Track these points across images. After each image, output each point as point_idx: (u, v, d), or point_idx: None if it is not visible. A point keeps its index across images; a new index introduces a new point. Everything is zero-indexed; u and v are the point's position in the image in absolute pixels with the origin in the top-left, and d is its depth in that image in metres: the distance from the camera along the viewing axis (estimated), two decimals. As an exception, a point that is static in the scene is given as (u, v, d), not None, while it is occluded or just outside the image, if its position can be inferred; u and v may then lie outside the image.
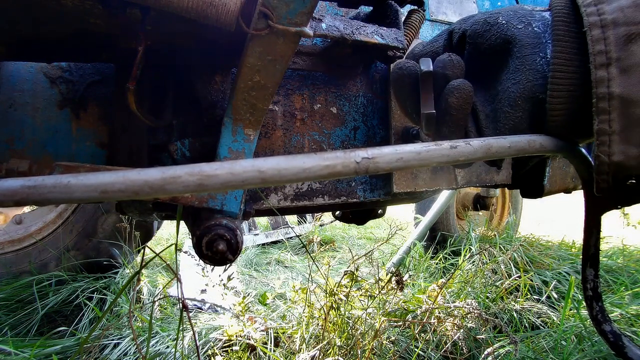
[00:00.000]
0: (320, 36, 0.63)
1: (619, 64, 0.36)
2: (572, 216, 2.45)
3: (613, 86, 0.36)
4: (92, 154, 0.69)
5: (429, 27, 0.92)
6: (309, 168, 0.34)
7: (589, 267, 0.53)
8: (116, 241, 1.87)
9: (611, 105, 0.36)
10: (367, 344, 1.32)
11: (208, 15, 0.44)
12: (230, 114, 0.54)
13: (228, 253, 0.55)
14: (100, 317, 1.58)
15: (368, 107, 0.82)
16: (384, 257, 2.89)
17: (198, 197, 0.55)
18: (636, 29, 0.35)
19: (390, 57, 0.70)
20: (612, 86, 0.36)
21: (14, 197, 0.28)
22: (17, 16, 0.47)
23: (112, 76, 0.70)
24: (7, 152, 0.65)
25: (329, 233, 4.37)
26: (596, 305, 0.54)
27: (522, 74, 0.45)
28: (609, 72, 0.36)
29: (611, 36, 0.36)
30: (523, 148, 0.44)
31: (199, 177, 0.31)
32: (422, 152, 0.39)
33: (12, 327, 1.61)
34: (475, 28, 0.50)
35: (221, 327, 1.59)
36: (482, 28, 0.49)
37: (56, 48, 0.56)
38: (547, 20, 0.45)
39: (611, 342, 0.53)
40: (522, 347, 1.38)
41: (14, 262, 1.80)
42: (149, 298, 2.03)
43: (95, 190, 0.29)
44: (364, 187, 0.81)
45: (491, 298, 1.82)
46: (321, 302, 1.49)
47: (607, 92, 0.36)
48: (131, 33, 0.50)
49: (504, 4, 1.07)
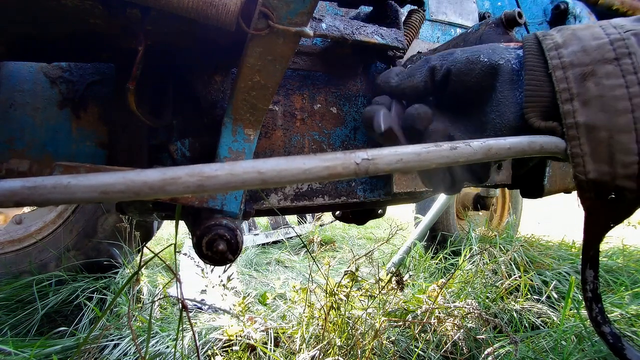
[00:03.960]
0: (320, 36, 0.63)
1: (579, 98, 0.44)
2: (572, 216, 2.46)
3: (578, 116, 0.44)
4: (92, 154, 0.69)
5: (429, 27, 0.92)
6: (308, 169, 0.34)
7: (588, 269, 0.53)
8: (116, 241, 1.87)
9: (579, 132, 0.43)
10: (367, 344, 1.32)
11: (208, 15, 0.44)
12: (231, 114, 0.54)
13: (228, 253, 0.55)
14: (99, 317, 1.58)
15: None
16: (384, 257, 2.89)
17: (198, 197, 0.55)
18: (587, 69, 0.44)
19: (391, 57, 0.70)
20: (577, 116, 0.44)
21: (14, 198, 0.28)
22: (17, 16, 0.47)
23: (112, 76, 0.70)
24: (7, 152, 0.65)
25: (329, 233, 4.37)
26: (596, 306, 0.54)
27: (504, 107, 0.52)
28: (572, 105, 0.44)
29: (570, 75, 0.45)
30: (523, 149, 0.44)
31: (199, 178, 0.31)
32: (422, 153, 0.39)
33: (12, 327, 1.61)
34: (460, 67, 0.54)
35: (221, 327, 1.59)
36: (465, 67, 0.54)
37: (56, 48, 0.56)
38: (521, 58, 0.52)
39: (610, 343, 0.53)
40: (522, 347, 1.38)
41: (14, 262, 1.80)
42: (148, 298, 2.03)
43: (95, 190, 0.29)
44: (364, 187, 0.81)
45: (491, 298, 1.82)
46: (321, 302, 1.49)
47: (574, 121, 0.44)
48: (131, 33, 0.50)
49: (504, 4, 1.07)
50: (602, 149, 0.43)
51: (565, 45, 0.46)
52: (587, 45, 0.45)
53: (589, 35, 0.46)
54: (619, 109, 0.42)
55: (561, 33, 0.48)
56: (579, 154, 0.44)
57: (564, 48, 0.46)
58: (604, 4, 1.12)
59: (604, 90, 0.43)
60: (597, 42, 0.45)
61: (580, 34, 0.46)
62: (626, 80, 0.42)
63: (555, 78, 0.45)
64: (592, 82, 0.43)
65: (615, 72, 0.42)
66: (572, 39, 0.46)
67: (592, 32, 0.46)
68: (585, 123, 0.43)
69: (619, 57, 0.43)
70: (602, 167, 0.43)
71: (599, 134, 0.42)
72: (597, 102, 0.43)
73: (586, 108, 0.43)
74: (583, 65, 0.44)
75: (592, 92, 0.43)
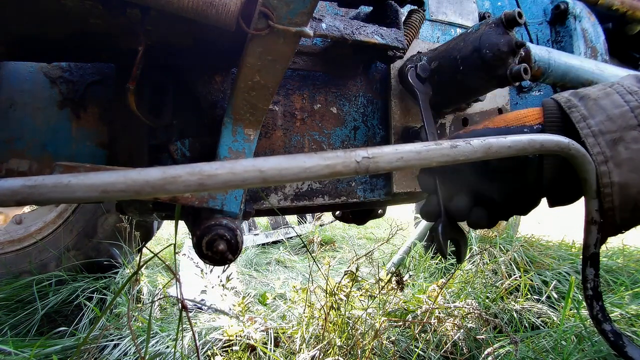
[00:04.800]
0: (320, 36, 0.63)
1: (613, 160, 0.50)
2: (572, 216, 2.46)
3: (613, 177, 0.50)
4: (92, 154, 0.69)
5: (429, 27, 0.92)
6: (309, 168, 0.34)
7: (589, 267, 0.53)
8: (116, 241, 1.87)
9: (613, 189, 0.50)
10: (367, 344, 1.32)
11: (208, 15, 0.44)
12: (231, 113, 0.54)
13: (228, 253, 0.55)
14: (99, 317, 1.58)
15: (368, 107, 0.82)
16: (384, 257, 2.89)
17: (198, 197, 0.55)
18: (616, 135, 0.51)
19: (390, 57, 0.70)
20: (612, 177, 0.50)
21: (14, 197, 0.28)
22: (18, 16, 0.47)
23: (112, 76, 0.70)
24: (7, 152, 0.65)
25: (329, 233, 4.37)
26: (596, 304, 0.54)
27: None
28: (608, 166, 0.50)
29: (602, 142, 0.51)
30: (523, 148, 0.44)
31: (200, 176, 0.31)
32: (423, 151, 0.39)
33: (12, 327, 1.61)
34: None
35: (221, 327, 1.59)
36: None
37: (56, 48, 0.56)
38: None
39: (611, 341, 0.53)
40: (522, 347, 1.38)
41: (14, 262, 1.80)
42: (148, 298, 2.03)
43: (95, 190, 0.29)
44: (364, 187, 0.81)
45: (491, 298, 1.82)
46: (321, 302, 1.49)
47: (610, 181, 0.50)
48: (131, 33, 0.50)
49: (504, 4, 1.07)
50: (629, 203, 0.50)
51: (592, 116, 0.53)
52: (611, 114, 0.52)
53: (611, 104, 0.52)
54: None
55: (583, 103, 0.54)
56: (611, 208, 0.51)
57: (590, 119, 0.53)
58: (604, 4, 1.12)
59: (633, 154, 0.50)
60: (620, 111, 0.51)
61: (602, 103, 0.53)
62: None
63: (588, 143, 0.52)
64: (622, 147, 0.50)
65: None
66: (596, 109, 0.53)
67: (613, 101, 0.53)
68: (619, 182, 0.50)
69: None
70: (625, 214, 0.51)
71: (630, 191, 0.50)
72: (629, 163, 0.50)
73: (619, 169, 0.50)
74: (612, 132, 0.51)
75: (623, 155, 0.50)
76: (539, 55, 0.82)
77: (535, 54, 0.81)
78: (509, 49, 0.66)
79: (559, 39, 1.12)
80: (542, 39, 1.12)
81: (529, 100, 1.10)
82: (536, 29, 1.11)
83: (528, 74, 0.66)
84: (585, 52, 1.07)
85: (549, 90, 1.11)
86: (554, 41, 1.13)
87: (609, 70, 0.90)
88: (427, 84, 0.76)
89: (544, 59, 0.83)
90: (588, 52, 1.07)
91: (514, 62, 0.68)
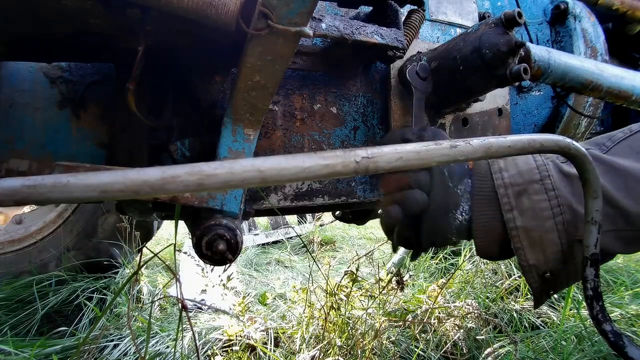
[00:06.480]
0: (320, 36, 0.63)
1: (517, 209, 0.58)
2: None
3: (517, 222, 0.58)
4: (92, 154, 0.69)
5: (428, 27, 0.92)
6: (308, 167, 0.34)
7: (589, 267, 0.53)
8: (116, 241, 1.87)
9: (519, 233, 0.58)
10: (367, 344, 1.32)
11: (208, 15, 0.44)
12: (230, 114, 0.54)
13: (228, 253, 0.55)
14: (99, 317, 1.58)
15: (368, 107, 0.82)
16: (384, 257, 2.89)
17: (198, 197, 0.55)
18: (520, 187, 0.58)
19: (390, 57, 0.70)
20: (516, 222, 0.58)
21: (14, 197, 0.28)
22: (18, 16, 0.47)
23: (112, 76, 0.70)
24: (7, 152, 0.65)
25: (329, 233, 4.36)
26: (596, 304, 0.54)
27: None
28: (513, 214, 0.58)
29: (510, 192, 0.59)
30: (523, 147, 0.44)
31: (199, 176, 0.31)
32: (422, 151, 0.39)
33: (12, 327, 1.61)
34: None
35: (221, 327, 1.59)
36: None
37: (56, 48, 0.56)
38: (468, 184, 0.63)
39: (611, 341, 0.53)
40: (522, 347, 1.38)
41: (14, 262, 1.80)
42: (148, 298, 2.03)
43: (95, 189, 0.29)
44: (364, 187, 0.81)
45: (491, 298, 1.82)
46: (321, 302, 1.49)
47: (515, 225, 0.58)
48: (131, 33, 0.50)
49: (504, 4, 1.07)
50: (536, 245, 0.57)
51: (507, 170, 0.60)
52: (521, 170, 0.59)
53: (523, 161, 0.60)
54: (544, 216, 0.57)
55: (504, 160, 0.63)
56: (520, 248, 0.58)
57: (504, 171, 0.60)
58: (604, 4, 1.12)
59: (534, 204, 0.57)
60: (528, 167, 0.59)
61: (517, 160, 0.61)
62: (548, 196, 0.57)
63: (500, 193, 0.59)
64: (526, 197, 0.58)
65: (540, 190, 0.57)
66: (511, 165, 0.61)
67: (525, 158, 0.60)
68: (523, 226, 0.57)
69: (542, 178, 0.58)
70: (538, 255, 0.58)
71: (533, 234, 0.57)
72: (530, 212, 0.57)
73: (522, 216, 0.58)
74: (518, 185, 0.59)
75: (526, 204, 0.58)
76: (539, 55, 0.82)
77: (535, 54, 0.81)
78: (508, 49, 0.66)
79: (558, 39, 1.12)
80: (542, 39, 1.12)
81: (529, 100, 1.10)
82: (536, 29, 1.11)
83: (528, 74, 0.66)
84: (585, 52, 1.07)
85: (549, 90, 1.11)
86: (554, 41, 1.13)
87: (608, 70, 0.90)
88: (426, 84, 0.76)
89: (543, 59, 0.82)
90: (588, 52, 1.07)
91: (514, 62, 0.68)
